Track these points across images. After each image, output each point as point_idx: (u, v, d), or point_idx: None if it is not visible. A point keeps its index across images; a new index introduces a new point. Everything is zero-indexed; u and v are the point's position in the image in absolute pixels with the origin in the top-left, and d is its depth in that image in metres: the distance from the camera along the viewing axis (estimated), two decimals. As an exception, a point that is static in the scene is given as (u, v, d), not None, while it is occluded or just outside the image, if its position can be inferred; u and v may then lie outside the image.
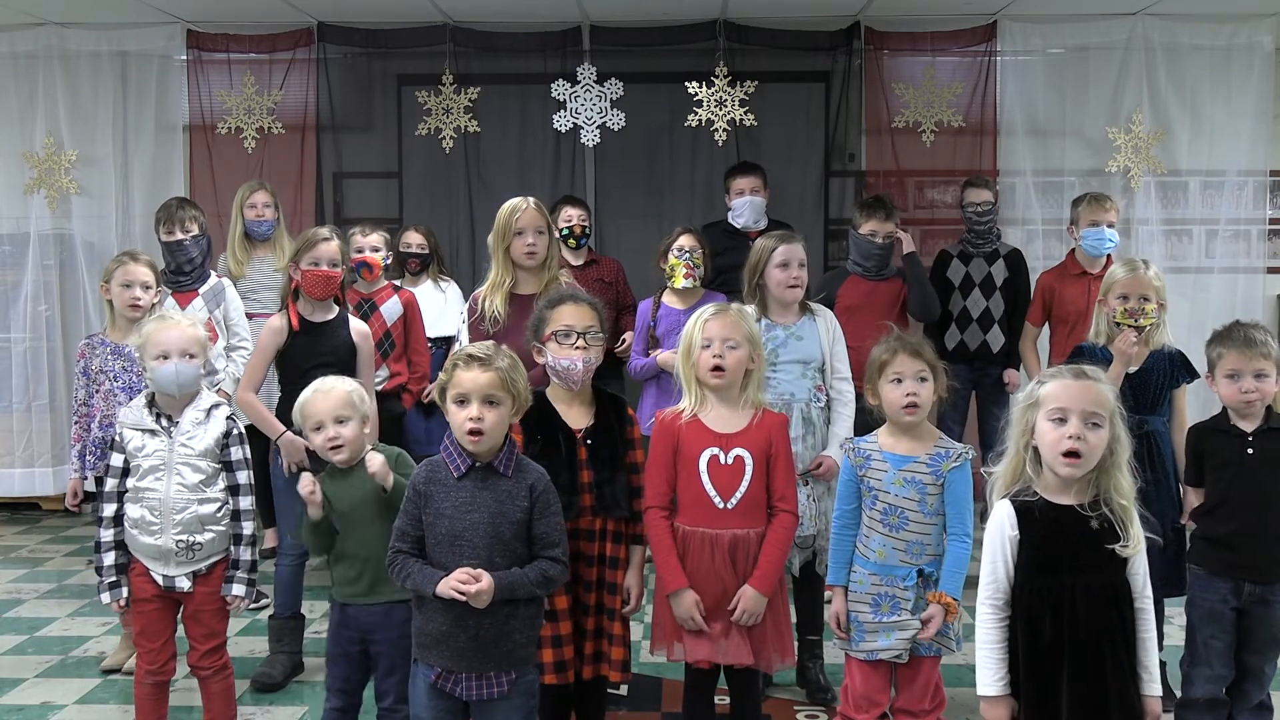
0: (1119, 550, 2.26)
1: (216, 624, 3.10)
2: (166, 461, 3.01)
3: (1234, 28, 5.95)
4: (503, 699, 2.50)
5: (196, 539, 3.02)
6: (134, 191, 6.21)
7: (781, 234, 3.66)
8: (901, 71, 6.16)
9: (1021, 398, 2.39)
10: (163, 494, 2.99)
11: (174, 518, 2.99)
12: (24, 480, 6.25)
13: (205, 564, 3.05)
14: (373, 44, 6.15)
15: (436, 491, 2.49)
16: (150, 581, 3.03)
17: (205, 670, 3.09)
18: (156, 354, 3.00)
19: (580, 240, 5.05)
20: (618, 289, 5.06)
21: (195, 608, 3.07)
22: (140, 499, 3.00)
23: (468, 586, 2.38)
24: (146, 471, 3.00)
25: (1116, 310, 3.45)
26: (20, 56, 6.17)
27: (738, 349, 2.85)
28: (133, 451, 3.01)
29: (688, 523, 2.84)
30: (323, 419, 2.84)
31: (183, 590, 3.03)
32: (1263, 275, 6.13)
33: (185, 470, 3.01)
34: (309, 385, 2.92)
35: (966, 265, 5.04)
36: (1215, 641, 2.96)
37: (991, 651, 2.32)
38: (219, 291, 4.55)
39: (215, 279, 4.60)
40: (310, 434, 2.87)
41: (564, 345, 2.86)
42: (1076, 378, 2.31)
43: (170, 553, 3.00)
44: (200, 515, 3.02)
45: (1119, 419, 2.30)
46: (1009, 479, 2.38)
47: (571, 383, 2.88)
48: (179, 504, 3.00)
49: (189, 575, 3.03)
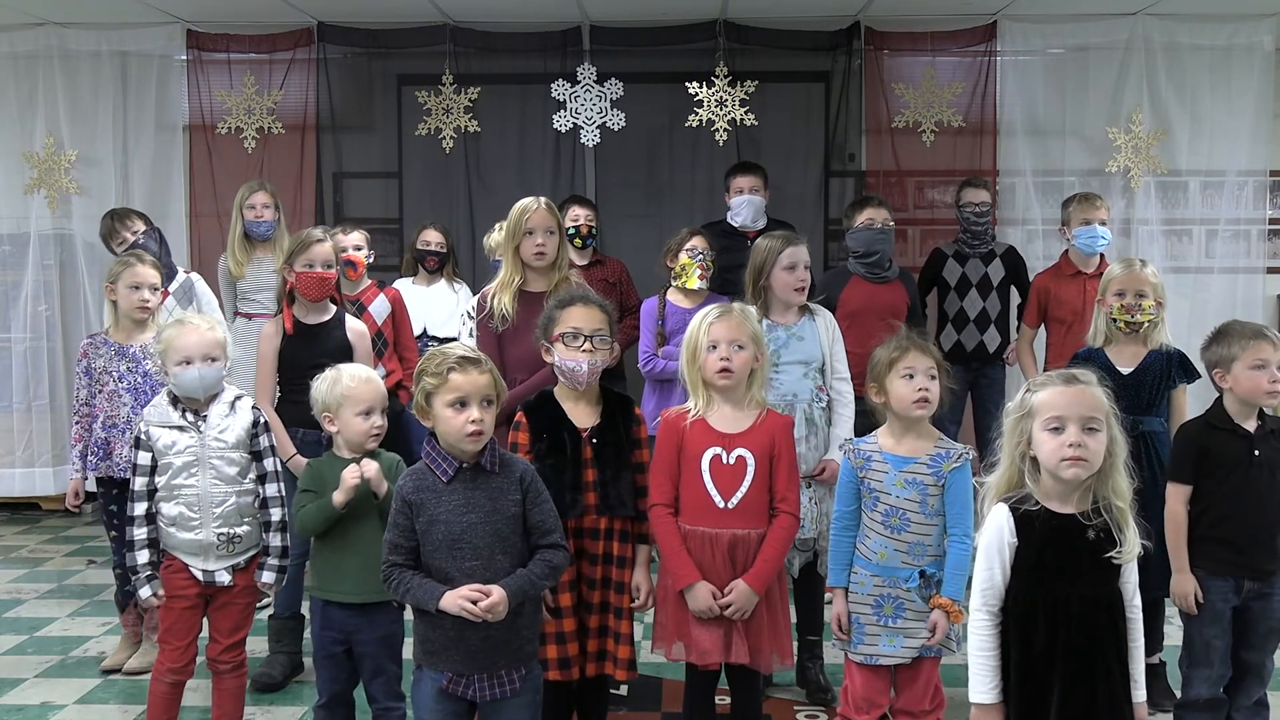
0: (1115, 557, 2.24)
1: (243, 618, 3.14)
2: (200, 457, 3.03)
3: (1234, 28, 5.95)
4: (515, 696, 2.50)
5: (236, 531, 3.05)
6: (134, 191, 6.21)
7: (785, 235, 3.65)
8: (901, 71, 6.17)
9: (1013, 407, 2.35)
10: (200, 489, 3.02)
11: (214, 511, 3.02)
12: (24, 480, 6.26)
13: (244, 557, 3.09)
14: (373, 44, 6.16)
15: (427, 499, 2.48)
16: (188, 578, 3.04)
17: (224, 665, 3.10)
18: (179, 359, 3.02)
19: (586, 240, 5.04)
20: (622, 290, 5.05)
21: (227, 600, 3.09)
22: (176, 496, 3.02)
23: (479, 606, 2.37)
24: (180, 469, 3.01)
25: (1114, 306, 3.45)
26: (20, 56, 6.18)
27: (744, 350, 2.85)
28: (162, 449, 3.02)
29: (688, 522, 2.84)
30: (371, 405, 2.90)
31: (223, 584, 3.05)
32: (1263, 275, 6.13)
33: (220, 463, 3.04)
34: (342, 372, 2.94)
35: (963, 265, 5.04)
36: (1217, 642, 2.96)
37: (985, 659, 2.30)
38: (188, 288, 4.61)
39: (183, 275, 4.64)
40: (352, 419, 2.89)
41: (571, 347, 2.87)
42: (1068, 384, 2.28)
43: (211, 546, 3.02)
44: (240, 506, 3.06)
45: (1114, 420, 2.29)
46: (1003, 489, 2.34)
47: (577, 383, 2.89)
48: (218, 497, 3.03)
49: (229, 569, 3.05)
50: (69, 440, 4.10)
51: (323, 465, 2.94)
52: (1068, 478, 2.24)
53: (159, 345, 3.11)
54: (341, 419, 2.91)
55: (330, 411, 2.92)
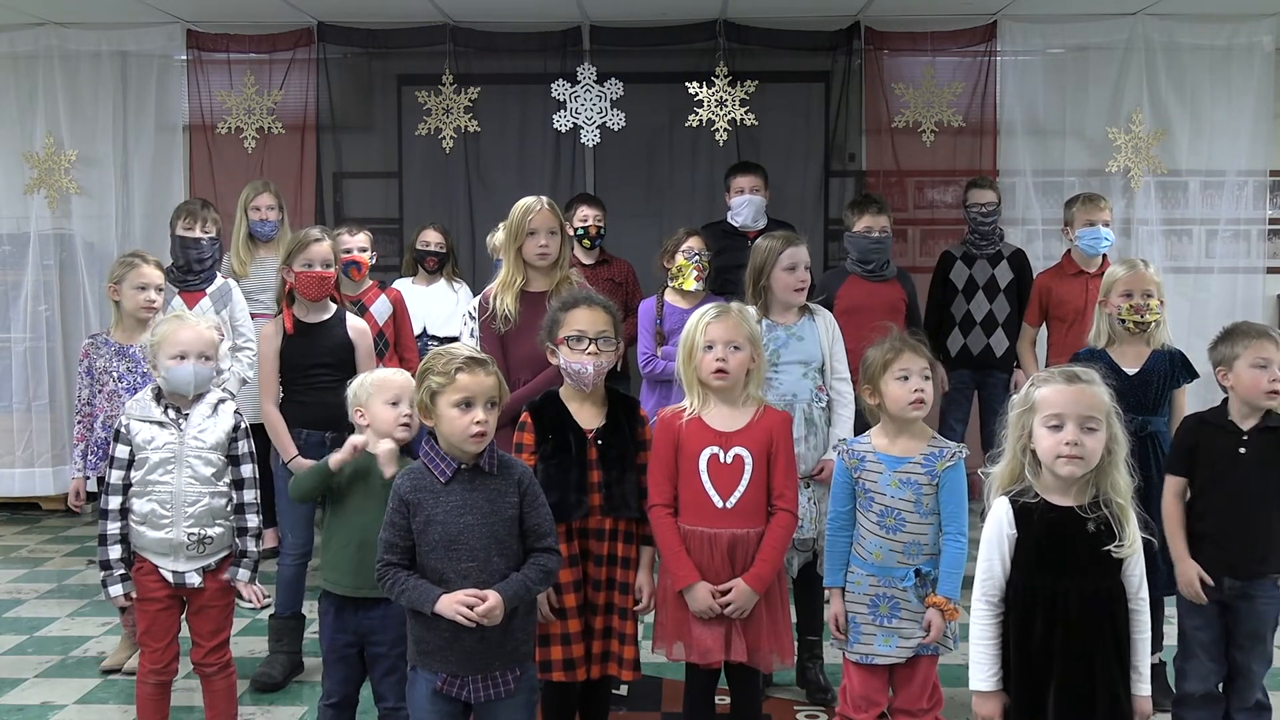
0: (1115, 551, 2.28)
1: (223, 620, 3.12)
2: (177, 454, 3.01)
3: (1234, 28, 5.95)
4: (510, 697, 2.50)
5: (208, 532, 3.03)
6: (134, 191, 6.22)
7: (786, 235, 3.65)
8: (901, 71, 6.17)
9: (1016, 401, 2.40)
10: (174, 487, 3.00)
11: (186, 510, 3.00)
12: (24, 480, 6.25)
13: (215, 559, 3.06)
14: (373, 44, 6.17)
15: (425, 499, 2.47)
16: (158, 580, 3.02)
17: (210, 668, 3.09)
18: (174, 353, 3.00)
19: (595, 241, 5.03)
20: (628, 290, 5.03)
21: (203, 604, 3.07)
22: (149, 492, 3.00)
23: (475, 611, 2.38)
24: (156, 465, 3.00)
25: (1121, 307, 3.45)
26: (20, 56, 6.18)
27: (740, 350, 2.85)
28: (140, 444, 3.01)
29: (687, 522, 2.83)
30: (400, 395, 2.90)
31: (193, 586, 3.03)
32: (1262, 275, 6.13)
33: (197, 463, 3.02)
34: (376, 370, 2.99)
35: (970, 267, 5.03)
36: (1200, 634, 2.98)
37: (985, 647, 2.35)
38: (226, 293, 4.65)
39: (221, 280, 4.68)
40: (380, 407, 2.90)
41: (576, 350, 2.87)
42: (1069, 382, 2.32)
43: (181, 546, 3.00)
44: (212, 508, 3.04)
45: (1115, 418, 2.31)
46: (1006, 481, 2.40)
47: (583, 385, 2.89)
48: (191, 496, 3.01)
49: (199, 571, 3.04)
50: (70, 440, 4.10)
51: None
52: (1063, 475, 2.29)
53: (152, 338, 3.08)
54: (371, 410, 2.91)
55: (361, 405, 2.92)
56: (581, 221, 4.98)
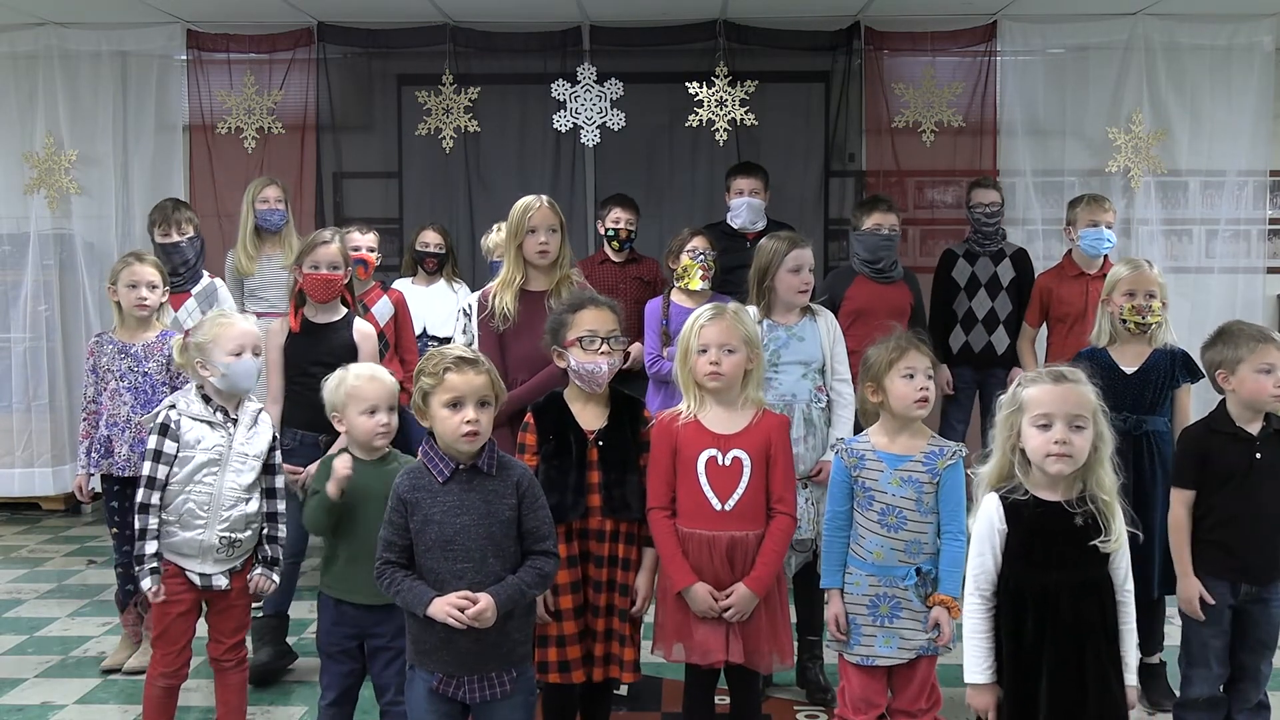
0: (1101, 546, 2.33)
1: (244, 618, 3.15)
2: (224, 457, 3.02)
3: (1234, 28, 5.95)
4: (506, 698, 2.50)
5: (239, 536, 3.04)
6: (134, 191, 6.21)
7: (790, 236, 3.64)
8: (901, 71, 6.17)
9: (1005, 401, 2.44)
10: (216, 489, 3.01)
11: (222, 513, 3.01)
12: (24, 480, 6.25)
13: (240, 561, 3.09)
14: (373, 44, 6.16)
15: (422, 498, 2.48)
16: (184, 584, 3.02)
17: (227, 662, 3.12)
18: (233, 349, 3.01)
19: (625, 244, 4.98)
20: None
21: (227, 604, 3.09)
22: (188, 492, 2.99)
23: (466, 614, 2.38)
24: (201, 465, 3.00)
25: (1124, 307, 3.45)
26: (20, 56, 6.18)
27: (735, 353, 2.84)
28: (189, 442, 3.00)
29: (686, 525, 2.83)
30: (377, 403, 2.87)
31: (220, 588, 3.04)
32: (1263, 275, 6.13)
33: (241, 468, 3.04)
34: (349, 371, 2.93)
35: (972, 265, 5.04)
36: (1215, 642, 2.97)
37: (978, 640, 2.40)
38: (211, 292, 4.59)
39: (207, 279, 4.62)
40: (356, 417, 2.87)
41: (589, 350, 2.87)
42: (1057, 382, 2.37)
43: (212, 548, 3.01)
44: (246, 514, 3.06)
45: (1100, 416, 2.37)
46: (995, 480, 2.44)
47: (595, 385, 2.89)
48: (230, 500, 3.02)
49: (226, 573, 3.05)
50: (75, 437, 4.10)
51: (330, 463, 2.91)
52: (1052, 473, 2.34)
53: (199, 338, 3.04)
54: (348, 419, 2.89)
55: (338, 412, 2.91)
56: (614, 223, 4.96)
